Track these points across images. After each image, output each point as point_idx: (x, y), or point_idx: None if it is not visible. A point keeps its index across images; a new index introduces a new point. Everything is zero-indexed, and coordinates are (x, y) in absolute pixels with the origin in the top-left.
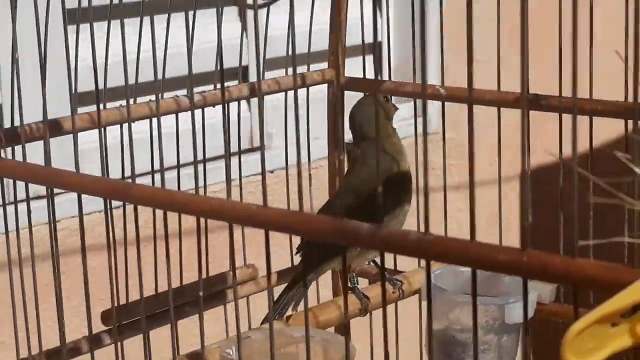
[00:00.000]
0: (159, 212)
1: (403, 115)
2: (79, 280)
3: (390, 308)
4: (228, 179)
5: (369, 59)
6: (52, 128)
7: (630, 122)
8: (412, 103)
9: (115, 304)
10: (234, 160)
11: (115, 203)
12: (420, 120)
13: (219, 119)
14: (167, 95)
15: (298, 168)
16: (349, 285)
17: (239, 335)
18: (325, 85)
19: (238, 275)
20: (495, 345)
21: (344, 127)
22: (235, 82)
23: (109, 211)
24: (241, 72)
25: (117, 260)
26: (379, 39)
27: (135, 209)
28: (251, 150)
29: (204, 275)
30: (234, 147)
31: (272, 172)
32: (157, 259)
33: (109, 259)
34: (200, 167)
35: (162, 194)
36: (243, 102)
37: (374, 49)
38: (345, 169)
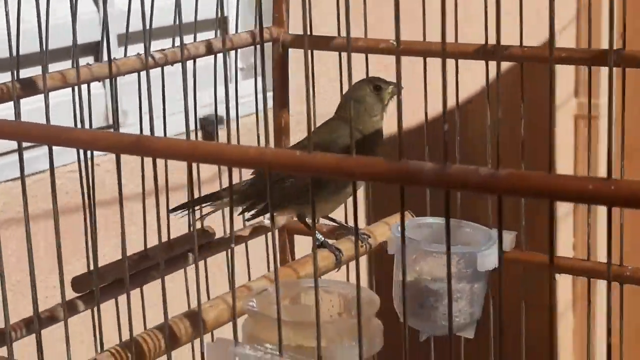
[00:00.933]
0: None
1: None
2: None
3: (362, 261)
4: None
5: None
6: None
7: None
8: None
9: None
10: None
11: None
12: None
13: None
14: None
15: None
16: (317, 241)
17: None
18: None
19: (200, 236)
20: (468, 293)
21: (287, 87)
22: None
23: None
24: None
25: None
26: None
27: (154, 162)
28: None
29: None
30: None
31: None
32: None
33: (87, 220)
34: None
35: (186, 145)
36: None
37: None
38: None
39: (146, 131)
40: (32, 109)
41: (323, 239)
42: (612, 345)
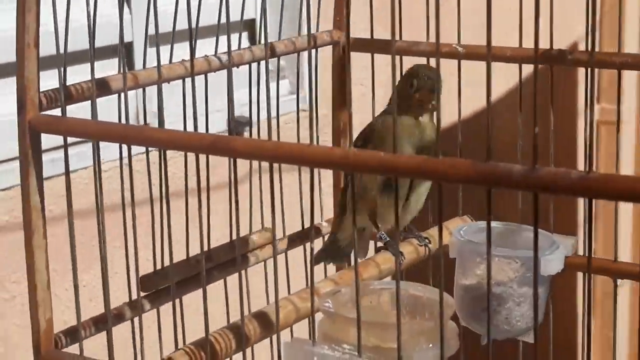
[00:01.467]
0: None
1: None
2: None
3: (423, 265)
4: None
5: (377, 18)
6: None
7: None
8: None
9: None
10: None
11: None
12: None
13: None
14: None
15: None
16: (381, 242)
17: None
18: None
19: (256, 238)
20: (530, 298)
21: (350, 90)
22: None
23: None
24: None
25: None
26: None
27: (234, 162)
28: None
29: (225, 240)
30: None
31: None
32: (189, 222)
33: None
34: None
35: (270, 145)
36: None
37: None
38: None
39: None
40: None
41: (388, 239)
42: None
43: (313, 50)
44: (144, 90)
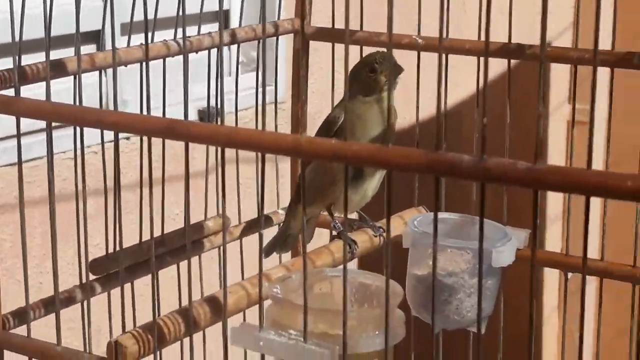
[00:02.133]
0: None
1: (250, 85)
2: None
3: (378, 254)
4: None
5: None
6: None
7: None
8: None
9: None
10: None
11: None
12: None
13: None
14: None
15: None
16: (334, 231)
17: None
18: None
19: (211, 224)
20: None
21: (306, 79)
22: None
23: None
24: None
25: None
26: None
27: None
28: None
29: (179, 226)
30: None
31: None
32: (142, 208)
33: (115, 202)
34: None
35: (224, 130)
36: None
37: None
38: None
39: None
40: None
41: (341, 228)
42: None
43: (275, 39)
44: (100, 73)
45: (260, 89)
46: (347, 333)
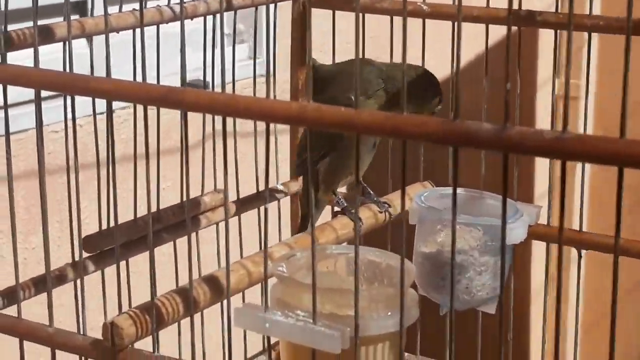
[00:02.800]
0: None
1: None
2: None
3: (384, 232)
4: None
5: None
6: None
7: None
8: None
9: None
10: None
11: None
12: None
13: None
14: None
15: None
16: (338, 207)
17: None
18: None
19: (208, 200)
20: (492, 267)
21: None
22: None
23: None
24: None
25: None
26: None
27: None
28: None
29: (171, 201)
30: None
31: None
32: (137, 182)
33: (109, 180)
34: None
35: (223, 98)
36: None
37: None
38: None
39: None
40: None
41: (345, 204)
42: None
43: (272, 6)
44: (91, 40)
45: (253, 60)
46: (360, 314)
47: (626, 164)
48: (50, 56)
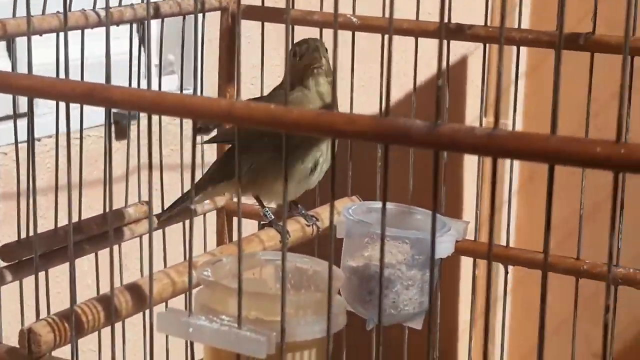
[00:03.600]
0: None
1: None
2: None
3: (310, 245)
4: None
5: None
6: None
7: None
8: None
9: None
10: None
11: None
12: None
13: None
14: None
15: None
16: (265, 220)
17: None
18: None
19: (133, 212)
20: (419, 281)
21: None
22: None
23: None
24: None
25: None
26: None
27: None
28: None
29: (98, 212)
30: None
31: None
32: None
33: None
34: None
35: (150, 95)
36: None
37: None
38: None
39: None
40: None
41: (272, 217)
42: None
43: (200, 16)
44: (12, 41)
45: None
46: (285, 318)
47: (557, 161)
48: None
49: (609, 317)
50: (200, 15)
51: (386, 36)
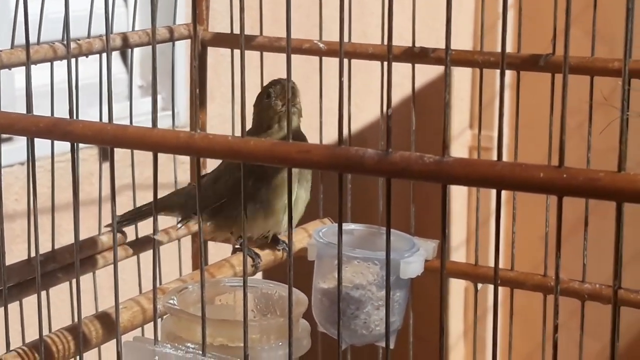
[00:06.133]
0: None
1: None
2: None
3: (281, 268)
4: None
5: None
6: None
7: None
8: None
9: None
10: None
11: None
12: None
13: None
14: None
15: None
16: (236, 245)
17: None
18: None
19: (105, 239)
20: (390, 301)
21: (205, 87)
22: None
23: None
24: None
25: None
26: None
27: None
28: None
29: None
30: None
31: None
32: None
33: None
34: None
35: (111, 129)
36: None
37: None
38: None
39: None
40: None
41: (242, 240)
42: None
43: (170, 44)
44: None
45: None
46: (249, 345)
47: (503, 186)
48: None
49: (557, 337)
50: (170, 44)
51: (345, 60)
